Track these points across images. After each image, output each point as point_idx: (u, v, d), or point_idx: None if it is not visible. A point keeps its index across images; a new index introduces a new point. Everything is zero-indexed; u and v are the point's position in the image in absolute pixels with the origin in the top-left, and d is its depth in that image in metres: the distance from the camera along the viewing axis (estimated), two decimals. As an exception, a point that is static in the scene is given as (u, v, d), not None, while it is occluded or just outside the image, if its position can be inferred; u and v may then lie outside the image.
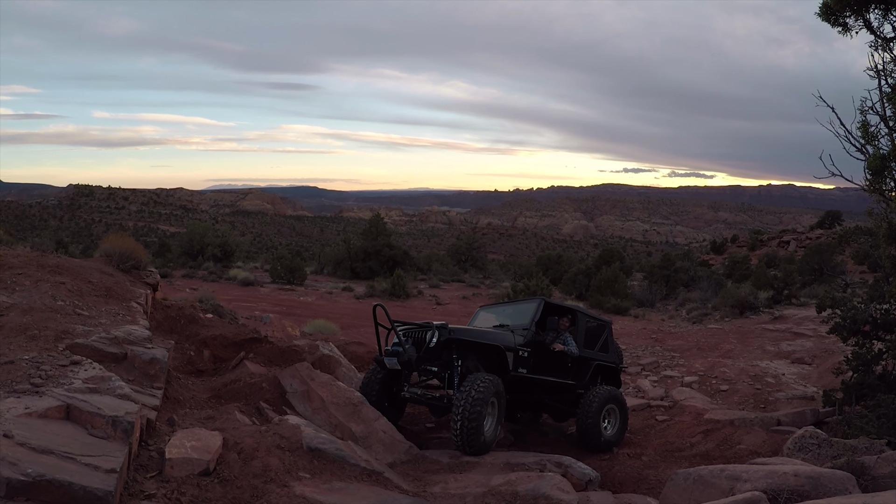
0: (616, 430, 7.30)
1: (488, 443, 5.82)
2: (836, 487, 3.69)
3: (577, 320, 7.61)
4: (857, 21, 5.89)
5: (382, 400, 6.61)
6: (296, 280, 29.25)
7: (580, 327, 7.59)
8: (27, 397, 3.48)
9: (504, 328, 7.16)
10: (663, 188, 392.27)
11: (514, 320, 7.32)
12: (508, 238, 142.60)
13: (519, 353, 6.73)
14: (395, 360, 6.22)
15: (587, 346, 7.64)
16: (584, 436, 7.08)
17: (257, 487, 3.59)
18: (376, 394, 6.57)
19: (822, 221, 53.17)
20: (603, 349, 7.92)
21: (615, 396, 7.35)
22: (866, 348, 7.98)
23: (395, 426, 6.13)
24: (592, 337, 7.82)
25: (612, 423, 7.27)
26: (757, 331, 16.02)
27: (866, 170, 5.80)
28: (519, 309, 7.65)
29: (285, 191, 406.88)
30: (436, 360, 6.30)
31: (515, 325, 7.12)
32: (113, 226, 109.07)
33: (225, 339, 7.51)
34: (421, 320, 6.98)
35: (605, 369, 7.93)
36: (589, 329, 7.79)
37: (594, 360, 7.68)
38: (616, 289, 25.71)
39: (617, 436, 7.30)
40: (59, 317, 5.10)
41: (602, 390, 7.27)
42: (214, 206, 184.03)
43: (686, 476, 4.23)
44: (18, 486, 2.63)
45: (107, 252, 7.84)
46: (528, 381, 6.86)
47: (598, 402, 7.04)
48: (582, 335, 7.57)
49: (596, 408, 7.00)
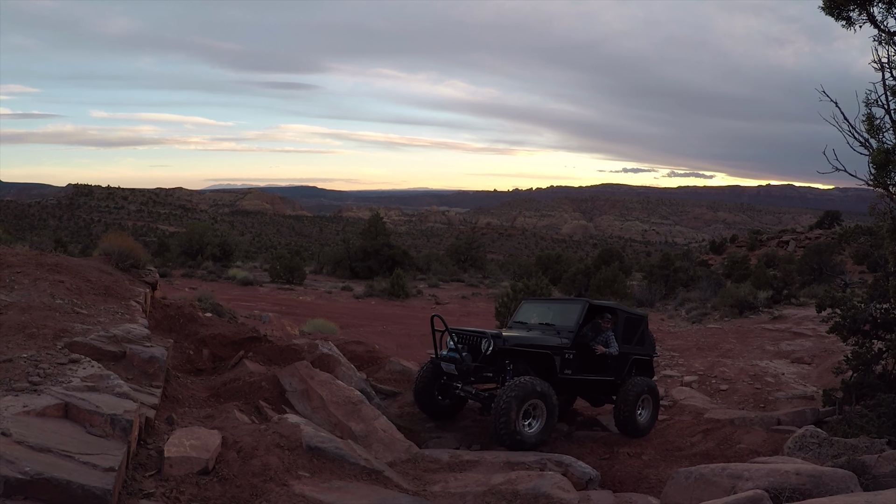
0: (649, 417, 7.77)
1: (526, 439, 6.17)
2: (838, 486, 3.67)
3: (618, 318, 7.91)
4: (861, 15, 5.88)
5: (433, 392, 7.33)
6: (295, 279, 29.23)
7: (620, 325, 7.89)
8: (25, 395, 3.46)
9: (549, 327, 7.58)
10: (662, 188, 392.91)
11: (559, 321, 7.65)
12: (507, 238, 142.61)
13: (565, 355, 7.16)
14: (452, 367, 6.81)
15: (625, 342, 7.94)
16: (620, 423, 7.56)
17: (257, 486, 3.57)
18: (426, 388, 7.28)
19: (821, 221, 53.21)
20: (639, 342, 8.22)
21: (650, 387, 7.77)
22: (866, 348, 7.97)
23: (451, 417, 7.35)
24: (630, 332, 8.10)
25: (645, 410, 7.74)
26: (756, 330, 16.02)
27: (870, 164, 5.78)
28: (563, 309, 7.92)
29: (284, 190, 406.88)
30: (490, 365, 6.79)
31: (560, 326, 7.48)
32: (112, 225, 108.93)
33: (224, 338, 7.50)
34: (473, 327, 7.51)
35: (640, 360, 8.28)
36: (627, 325, 8.06)
37: (632, 354, 8.02)
38: (615, 288, 25.71)
39: (649, 422, 7.77)
40: (57, 315, 5.08)
41: (638, 382, 7.67)
42: (213, 206, 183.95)
43: (687, 475, 4.21)
44: (16, 485, 2.61)
45: (106, 251, 7.82)
46: (573, 380, 7.37)
47: (634, 392, 7.50)
48: (621, 332, 7.88)
49: (632, 398, 7.48)
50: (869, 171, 5.86)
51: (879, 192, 5.99)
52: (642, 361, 8.29)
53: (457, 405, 7.56)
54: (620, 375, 7.82)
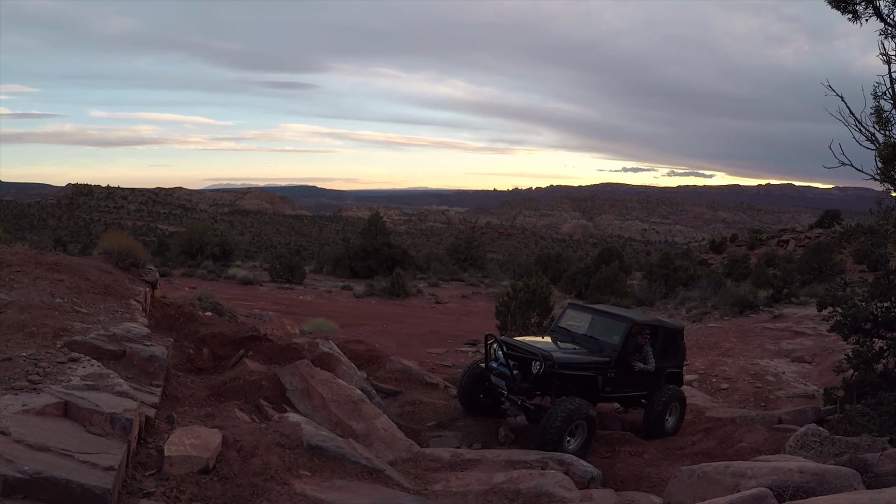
0: (675, 422, 8.09)
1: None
2: (842, 484, 3.66)
3: (658, 334, 8.09)
4: (867, 9, 5.87)
5: (477, 393, 7.81)
6: (295, 279, 29.19)
7: (659, 341, 8.08)
8: (25, 394, 3.44)
9: (592, 340, 7.84)
10: (662, 187, 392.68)
11: (603, 336, 7.86)
12: (507, 237, 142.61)
13: (607, 374, 7.47)
14: (503, 383, 7.24)
15: (662, 356, 8.12)
16: (648, 427, 7.87)
17: (257, 485, 3.56)
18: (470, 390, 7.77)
19: (821, 220, 53.19)
20: (674, 355, 8.42)
21: (679, 396, 8.13)
22: (867, 346, 7.96)
23: (491, 414, 7.80)
24: (667, 346, 8.28)
25: (673, 417, 8.06)
26: (757, 329, 16.01)
27: (877, 158, 5.76)
28: (608, 324, 8.02)
29: (284, 190, 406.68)
30: (539, 384, 7.16)
31: (604, 343, 7.71)
32: (112, 225, 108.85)
33: (224, 337, 7.48)
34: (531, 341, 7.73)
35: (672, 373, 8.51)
36: (665, 339, 8.22)
37: (666, 367, 8.25)
38: (615, 288, 25.68)
39: (675, 427, 8.08)
40: (57, 314, 5.07)
41: (668, 391, 7.98)
42: (213, 206, 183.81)
43: (690, 473, 4.20)
44: (16, 484, 2.60)
45: (105, 250, 7.80)
46: (612, 397, 7.81)
47: (664, 401, 7.87)
48: (660, 347, 8.07)
49: (662, 406, 7.85)
50: (876, 165, 5.84)
51: (885, 187, 5.97)
52: (673, 374, 8.50)
53: (497, 403, 7.94)
54: (654, 389, 8.04)
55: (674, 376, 8.50)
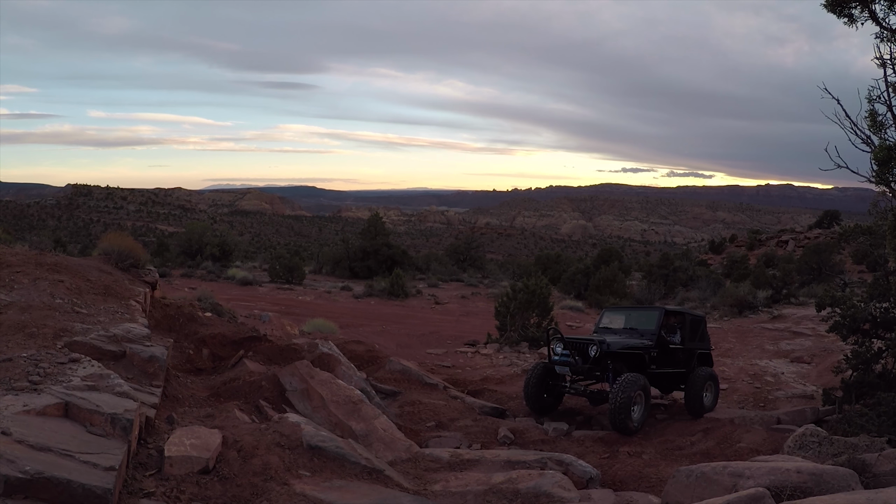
0: (712, 399, 9.11)
1: (636, 425, 7.73)
2: (839, 484, 3.67)
3: (685, 320, 9.45)
4: (863, 12, 5.88)
5: (542, 392, 8.73)
6: (294, 279, 29.19)
7: (686, 325, 9.38)
8: (25, 395, 3.45)
9: (632, 331, 9.05)
10: (662, 188, 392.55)
11: (640, 325, 9.12)
12: (507, 238, 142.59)
13: (651, 353, 8.68)
14: (566, 369, 8.40)
15: (691, 339, 9.41)
16: (690, 405, 8.85)
17: (257, 485, 3.57)
18: (537, 389, 8.66)
19: (820, 221, 53.22)
20: (701, 339, 9.68)
21: (712, 375, 9.23)
22: (866, 347, 7.98)
23: (551, 412, 8.75)
24: (694, 330, 9.55)
25: (709, 393, 9.07)
26: (756, 330, 16.04)
27: (872, 161, 5.78)
28: (643, 315, 9.42)
29: (283, 190, 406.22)
30: (598, 366, 8.27)
31: (643, 330, 8.98)
32: (111, 225, 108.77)
33: (224, 338, 7.49)
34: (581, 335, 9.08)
35: (702, 353, 9.70)
36: (692, 325, 9.48)
37: (696, 349, 9.52)
38: (615, 288, 25.69)
39: (713, 403, 9.12)
40: (57, 315, 5.08)
41: (703, 371, 9.08)
42: (213, 206, 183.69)
43: (688, 473, 4.21)
44: (17, 484, 2.60)
45: (105, 250, 7.81)
46: (657, 374, 8.85)
47: (700, 380, 8.90)
48: (687, 331, 9.36)
49: (699, 385, 8.86)
50: (871, 168, 5.86)
51: (881, 190, 5.99)
52: (704, 354, 9.69)
53: (556, 401, 9.01)
54: (689, 367, 9.21)
55: (704, 357, 9.67)
